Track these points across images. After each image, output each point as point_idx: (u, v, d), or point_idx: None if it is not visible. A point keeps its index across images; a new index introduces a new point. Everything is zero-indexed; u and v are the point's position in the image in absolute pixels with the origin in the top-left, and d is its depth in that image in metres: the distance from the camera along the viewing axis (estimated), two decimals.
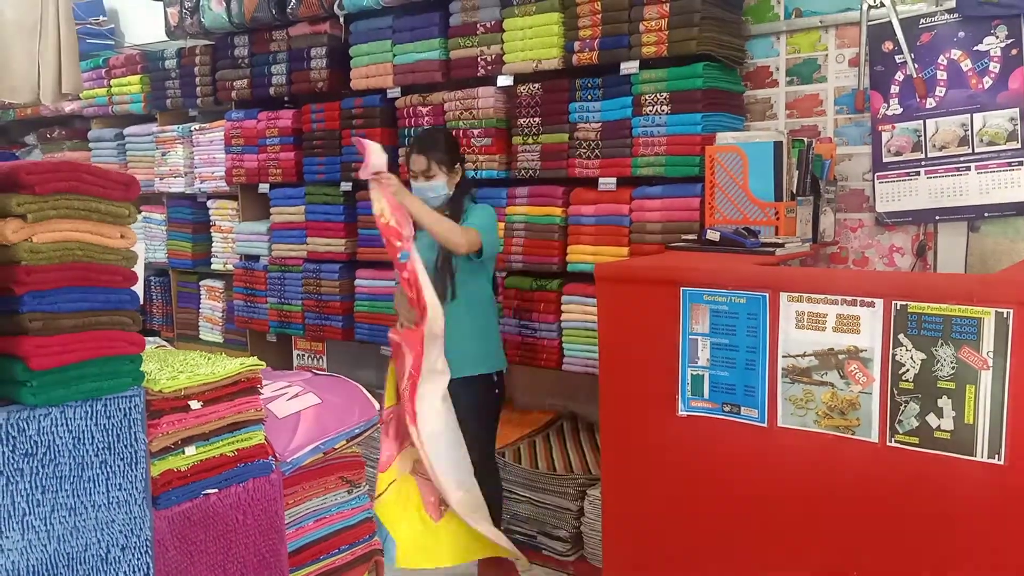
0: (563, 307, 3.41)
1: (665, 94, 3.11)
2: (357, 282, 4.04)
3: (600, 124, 3.28)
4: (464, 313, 3.00)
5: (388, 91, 3.86)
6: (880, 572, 1.97)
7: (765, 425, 2.10)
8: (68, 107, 5.34)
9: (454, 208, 3.04)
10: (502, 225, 3.56)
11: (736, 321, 2.13)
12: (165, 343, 2.54)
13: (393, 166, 3.89)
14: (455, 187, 3.08)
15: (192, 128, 4.67)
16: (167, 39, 4.72)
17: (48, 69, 3.59)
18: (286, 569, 2.03)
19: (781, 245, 2.59)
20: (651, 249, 3.10)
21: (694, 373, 2.20)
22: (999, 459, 1.80)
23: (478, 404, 3.03)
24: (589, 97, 3.30)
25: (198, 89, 4.59)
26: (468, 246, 2.91)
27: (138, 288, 1.73)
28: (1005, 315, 1.76)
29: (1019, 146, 2.82)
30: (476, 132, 3.59)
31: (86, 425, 1.59)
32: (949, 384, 1.84)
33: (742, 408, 2.14)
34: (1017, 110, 2.81)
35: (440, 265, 3.00)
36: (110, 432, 1.62)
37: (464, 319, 2.99)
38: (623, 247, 3.24)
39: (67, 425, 1.57)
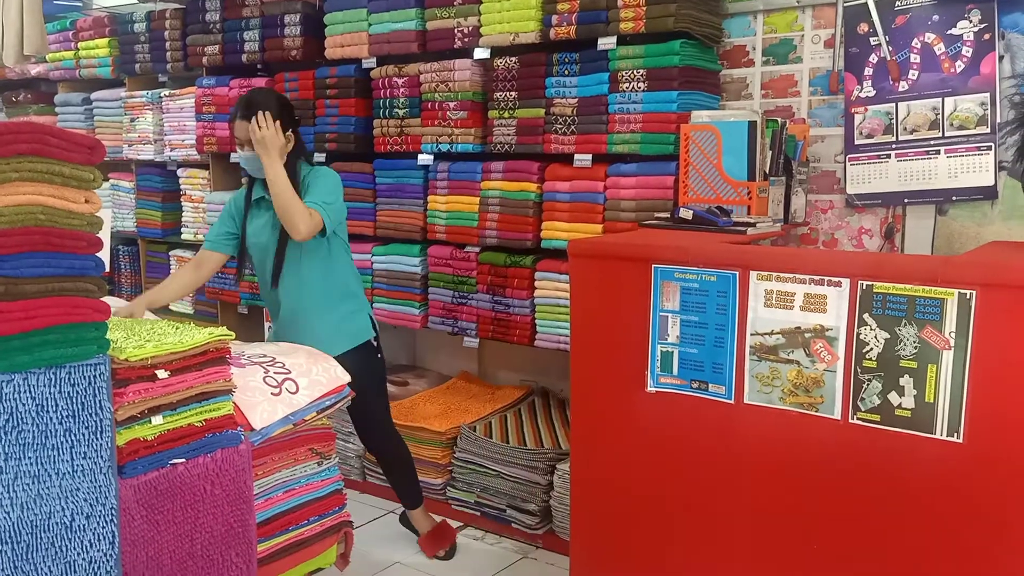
0: (536, 283, 3.41)
1: (642, 71, 3.11)
2: None
3: (576, 100, 3.27)
4: (325, 290, 2.94)
5: (363, 61, 3.82)
6: (840, 546, 2.01)
7: (732, 402, 2.12)
8: (34, 70, 5.22)
9: (289, 178, 2.79)
10: (477, 200, 3.55)
11: (706, 299, 2.14)
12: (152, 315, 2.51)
13: (367, 138, 3.86)
14: (287, 156, 2.85)
15: (162, 94, 4.59)
16: (136, 1, 4.62)
17: (11, 30, 3.51)
18: (254, 539, 2.03)
19: (753, 225, 2.61)
20: (625, 227, 3.11)
21: (664, 350, 2.22)
22: (958, 437, 1.83)
23: (365, 372, 2.90)
24: (566, 72, 3.29)
25: (168, 54, 4.50)
26: (308, 233, 2.74)
27: (104, 256, 1.70)
28: (968, 296, 1.79)
29: (988, 131, 2.86)
30: (452, 105, 3.56)
31: (49, 392, 1.57)
32: (911, 363, 1.87)
33: (710, 385, 2.16)
34: (988, 95, 2.85)
35: (279, 248, 2.87)
36: (74, 400, 1.60)
37: (327, 296, 2.95)
38: (597, 224, 3.25)
39: (30, 392, 1.55)
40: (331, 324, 2.93)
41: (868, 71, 3.04)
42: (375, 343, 3.05)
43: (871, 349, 1.91)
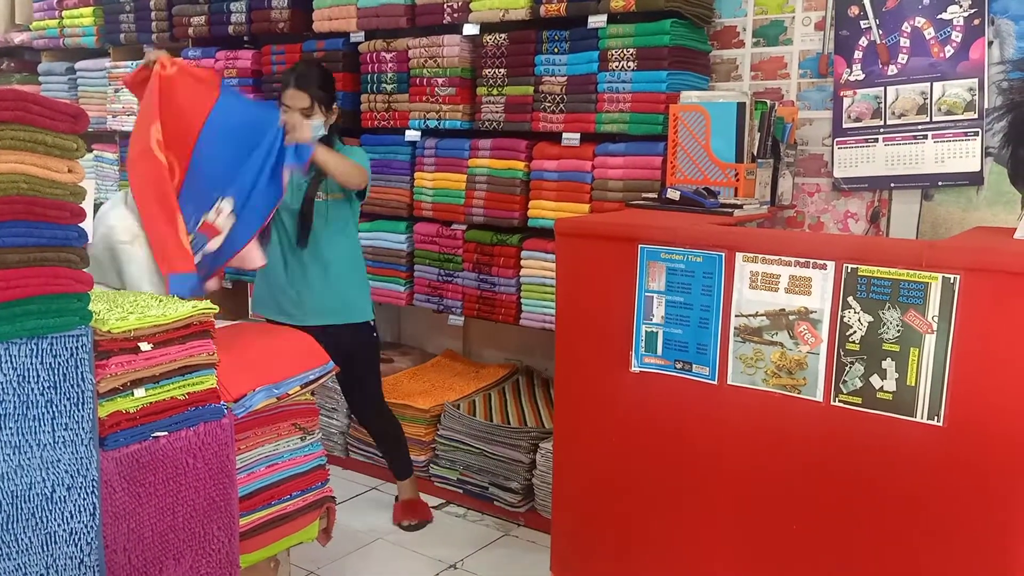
0: (522, 262, 3.41)
1: (632, 50, 3.09)
2: None
3: (566, 78, 3.25)
4: (345, 260, 3.05)
5: (351, 35, 3.78)
6: (820, 527, 2.03)
7: (715, 383, 2.14)
8: (18, 38, 5.14)
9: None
10: (464, 177, 3.54)
11: (692, 279, 2.15)
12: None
13: (355, 113, 3.83)
14: (330, 128, 2.99)
15: None
16: None
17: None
18: (236, 513, 2.03)
19: (739, 206, 2.61)
20: (612, 207, 3.11)
21: (648, 330, 2.23)
22: (938, 420, 1.85)
23: (366, 348, 3.14)
24: (556, 50, 3.27)
25: (153, 24, 4.44)
26: (362, 180, 2.88)
27: (88, 227, 1.69)
28: (952, 280, 1.80)
29: (976, 116, 2.87)
30: (440, 81, 3.54)
31: (31, 363, 1.56)
32: (894, 347, 1.88)
33: (694, 366, 2.17)
34: (976, 80, 2.85)
35: (304, 209, 2.94)
36: (56, 371, 1.59)
37: (345, 266, 3.05)
38: (584, 204, 3.24)
39: (11, 363, 1.54)
40: (345, 296, 3.05)
41: (858, 54, 3.04)
42: (373, 323, 3.15)
43: (854, 332, 1.93)
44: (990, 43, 2.83)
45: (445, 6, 3.48)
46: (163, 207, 2.45)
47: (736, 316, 2.08)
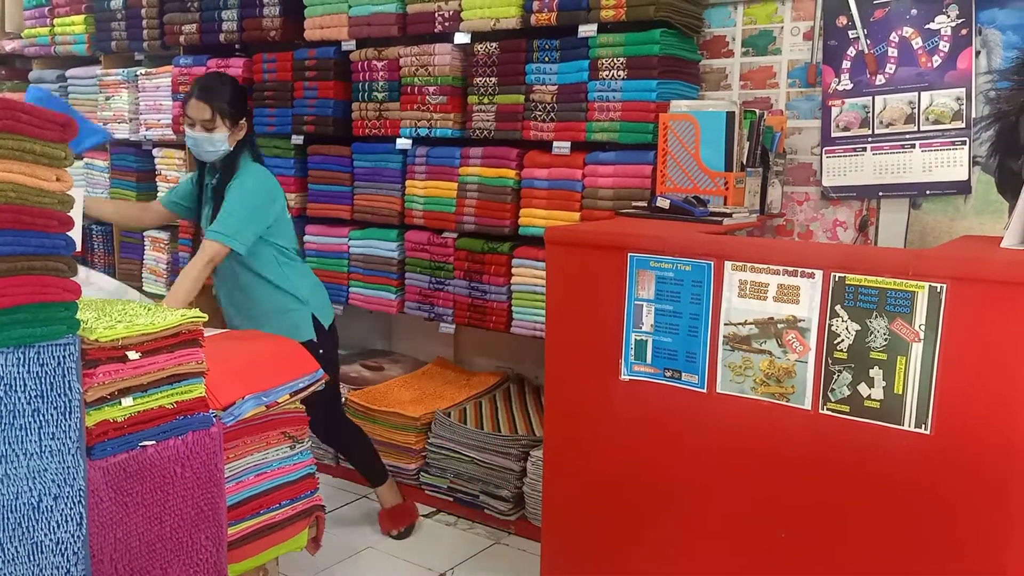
0: (513, 270, 3.41)
1: (622, 59, 3.11)
2: (306, 238, 3.99)
3: (556, 87, 3.26)
4: (266, 300, 2.98)
5: (343, 43, 3.79)
6: (809, 535, 2.03)
7: (704, 391, 2.14)
8: (9, 46, 5.13)
9: (227, 167, 2.91)
10: (455, 185, 3.54)
11: (681, 288, 2.15)
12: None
13: (346, 121, 3.83)
14: (235, 145, 2.92)
15: (138, 73, 4.52)
16: None
17: None
18: (225, 522, 2.02)
19: (729, 215, 2.62)
20: (602, 215, 3.12)
21: (638, 338, 2.23)
22: (926, 429, 1.86)
23: None
24: (546, 59, 3.28)
25: (145, 32, 4.44)
26: (204, 275, 2.76)
27: (77, 235, 1.68)
28: (939, 289, 1.82)
29: (963, 126, 2.89)
30: (431, 89, 3.55)
31: (18, 372, 1.55)
32: (881, 355, 1.89)
33: (683, 374, 2.17)
34: (963, 90, 2.87)
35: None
36: (43, 380, 1.59)
37: (268, 305, 2.99)
38: (575, 212, 3.25)
39: None
40: (284, 322, 2.94)
41: (846, 64, 3.06)
42: (315, 341, 3.00)
43: (842, 340, 1.94)
44: (977, 53, 2.85)
45: (436, 15, 3.49)
46: None
47: (725, 324, 2.09)
